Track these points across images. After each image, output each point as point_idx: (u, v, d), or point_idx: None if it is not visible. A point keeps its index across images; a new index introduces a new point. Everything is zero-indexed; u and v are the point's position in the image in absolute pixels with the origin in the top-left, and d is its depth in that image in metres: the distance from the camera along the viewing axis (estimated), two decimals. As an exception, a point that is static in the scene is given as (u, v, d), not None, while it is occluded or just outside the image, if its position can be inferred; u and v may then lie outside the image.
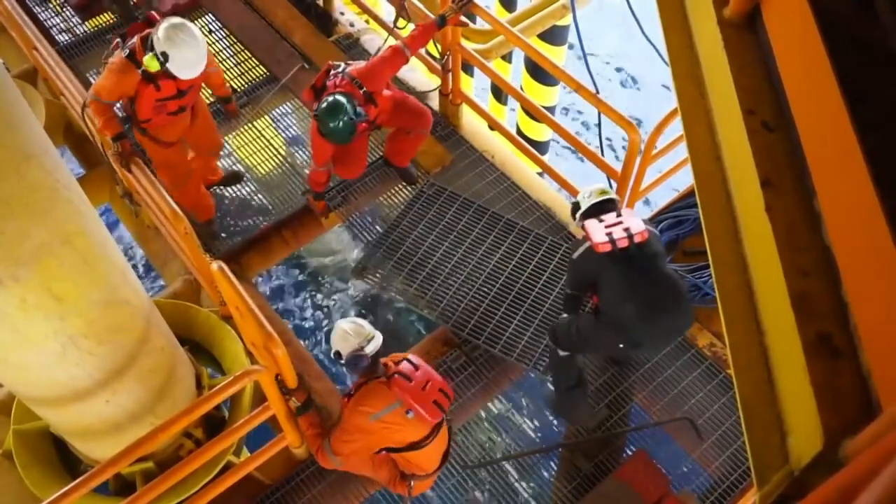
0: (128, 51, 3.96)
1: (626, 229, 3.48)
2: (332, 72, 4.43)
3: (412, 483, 3.77)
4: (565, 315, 4.00)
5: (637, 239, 3.48)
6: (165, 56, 3.75)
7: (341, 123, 4.15)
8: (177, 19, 3.83)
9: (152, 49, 3.82)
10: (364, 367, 3.40)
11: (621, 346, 3.67)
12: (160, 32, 3.76)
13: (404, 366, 3.48)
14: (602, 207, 3.74)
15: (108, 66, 4.03)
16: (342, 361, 3.42)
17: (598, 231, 3.53)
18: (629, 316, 3.53)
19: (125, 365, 3.32)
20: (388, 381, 3.40)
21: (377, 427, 3.39)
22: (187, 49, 3.77)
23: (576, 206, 3.89)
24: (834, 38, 1.33)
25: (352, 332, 3.39)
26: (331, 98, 4.18)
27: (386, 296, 7.56)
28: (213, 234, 5.06)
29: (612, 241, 3.47)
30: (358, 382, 3.52)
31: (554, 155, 9.93)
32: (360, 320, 3.49)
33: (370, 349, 3.39)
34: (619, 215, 3.60)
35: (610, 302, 3.60)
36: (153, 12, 4.17)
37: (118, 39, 4.10)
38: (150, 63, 3.77)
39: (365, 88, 4.32)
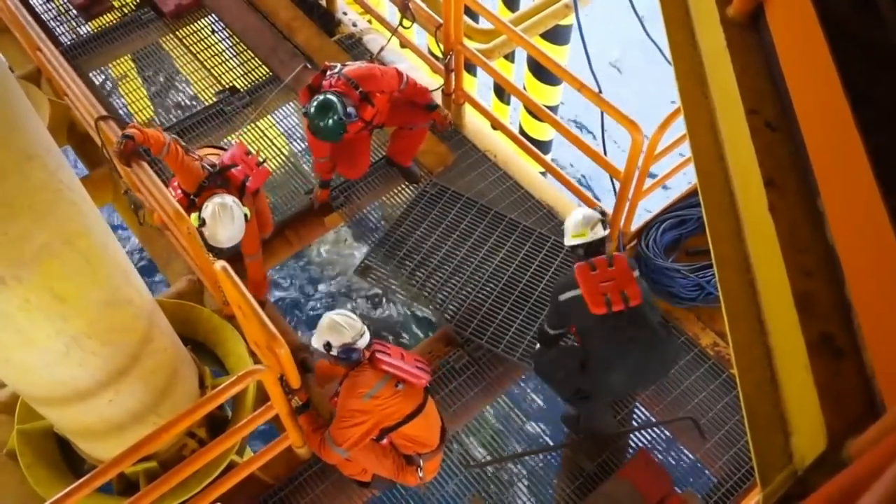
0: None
1: (622, 292, 3.54)
2: (329, 72, 4.44)
3: (421, 464, 3.78)
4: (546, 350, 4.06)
5: (632, 304, 3.56)
6: (203, 222, 4.06)
7: (331, 122, 4.16)
8: (228, 199, 4.06)
9: (201, 209, 4.12)
10: (355, 361, 3.50)
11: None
12: (209, 204, 4.06)
13: (377, 346, 3.62)
14: (595, 248, 3.75)
15: (177, 161, 4.17)
16: (332, 353, 3.49)
17: (593, 289, 3.55)
18: (616, 382, 3.73)
19: (128, 365, 3.32)
20: (371, 363, 3.52)
21: (372, 405, 3.46)
22: (221, 228, 4.04)
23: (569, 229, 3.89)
24: (837, 37, 1.33)
25: (346, 326, 3.48)
26: (321, 97, 4.19)
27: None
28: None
29: (608, 304, 3.54)
30: (341, 376, 3.59)
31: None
32: (351, 314, 3.57)
33: (362, 343, 3.49)
34: (611, 263, 3.61)
35: (596, 367, 3.73)
36: (234, 171, 4.29)
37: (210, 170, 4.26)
38: (194, 220, 4.09)
39: (361, 89, 4.33)
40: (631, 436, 4.30)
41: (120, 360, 3.27)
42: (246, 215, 4.16)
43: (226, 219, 4.02)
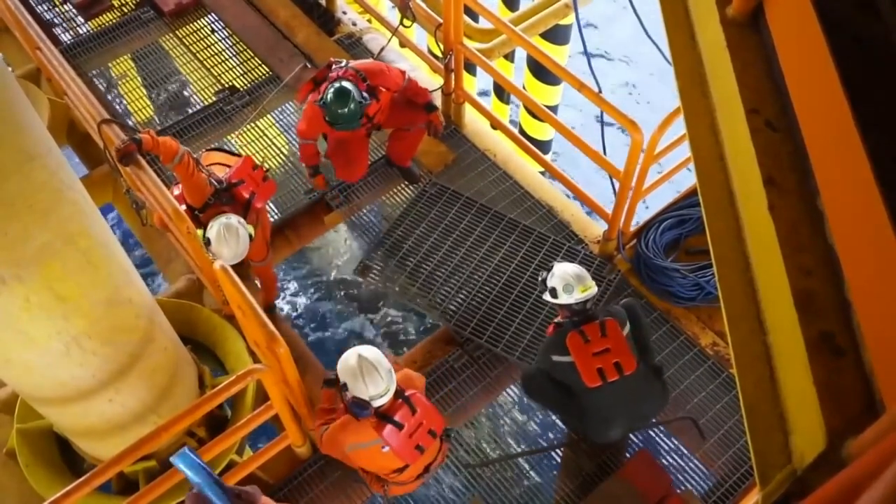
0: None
1: (617, 363, 3.50)
2: (335, 65, 4.45)
3: (388, 486, 3.70)
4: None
5: (626, 373, 3.53)
6: (209, 242, 4.05)
7: (349, 110, 4.19)
8: (233, 220, 4.02)
9: (206, 227, 4.10)
10: (363, 416, 3.26)
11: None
12: (215, 225, 4.03)
13: (401, 413, 3.31)
14: (586, 312, 3.62)
15: (187, 174, 4.11)
16: (343, 394, 3.28)
17: (587, 362, 3.51)
18: (614, 434, 3.81)
19: (128, 364, 3.33)
20: (378, 423, 3.27)
21: (352, 454, 3.39)
22: (225, 247, 4.02)
23: (546, 281, 3.69)
24: (837, 36, 1.33)
25: (367, 376, 3.19)
26: (337, 84, 4.20)
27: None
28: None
29: (603, 377, 3.52)
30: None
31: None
32: (384, 365, 3.25)
33: (379, 403, 3.26)
34: (603, 332, 3.52)
35: (595, 424, 3.77)
36: (240, 191, 4.24)
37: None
38: (199, 236, 4.09)
39: (369, 82, 4.35)
40: (631, 436, 4.30)
41: (120, 359, 3.27)
42: (250, 235, 4.13)
43: (231, 239, 3.99)
